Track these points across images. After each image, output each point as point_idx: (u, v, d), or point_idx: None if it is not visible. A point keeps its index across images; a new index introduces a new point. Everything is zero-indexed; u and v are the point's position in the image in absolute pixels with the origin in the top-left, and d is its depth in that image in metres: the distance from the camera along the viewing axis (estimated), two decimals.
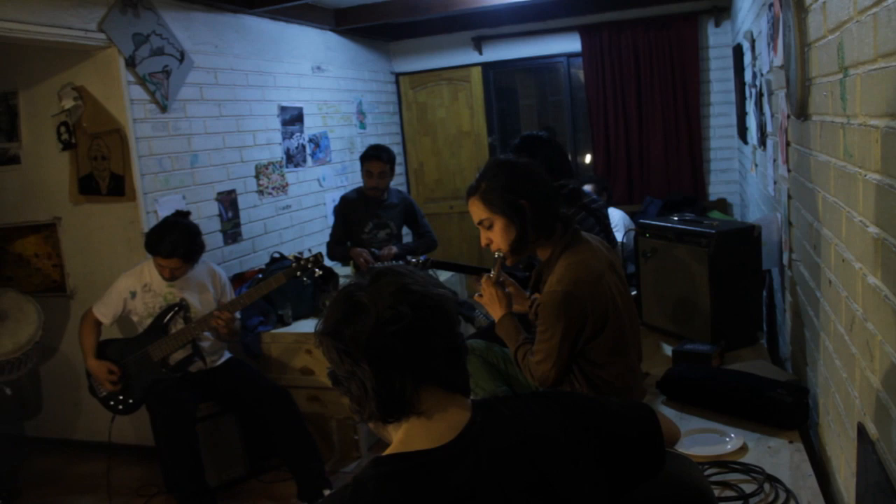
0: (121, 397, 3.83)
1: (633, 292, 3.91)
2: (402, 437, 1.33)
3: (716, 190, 6.75)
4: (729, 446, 2.38)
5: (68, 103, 4.34)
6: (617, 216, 5.76)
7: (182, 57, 4.64)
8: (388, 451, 1.33)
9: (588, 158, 7.26)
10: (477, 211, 2.48)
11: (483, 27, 7.13)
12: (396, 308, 1.30)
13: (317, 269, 3.90)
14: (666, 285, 3.54)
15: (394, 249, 4.91)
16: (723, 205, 6.62)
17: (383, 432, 1.39)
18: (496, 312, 2.64)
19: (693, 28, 6.53)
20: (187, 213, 3.93)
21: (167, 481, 4.03)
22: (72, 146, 4.45)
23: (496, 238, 2.47)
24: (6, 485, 3.72)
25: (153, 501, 4.06)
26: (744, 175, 5.73)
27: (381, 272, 1.39)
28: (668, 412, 2.72)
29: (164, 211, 4.27)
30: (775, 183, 3.39)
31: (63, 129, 4.44)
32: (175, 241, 3.70)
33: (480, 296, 2.69)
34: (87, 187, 4.45)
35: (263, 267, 5.03)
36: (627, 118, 6.81)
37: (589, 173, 7.07)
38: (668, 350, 3.37)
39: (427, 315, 1.33)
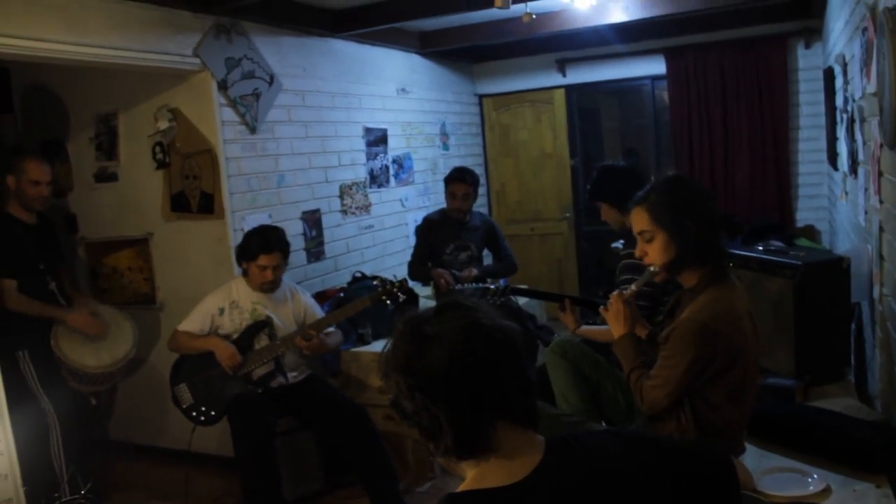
0: (203, 409, 3.93)
1: None
2: (476, 475, 1.33)
3: (803, 216, 6.55)
4: (811, 488, 2.29)
5: (163, 124, 4.52)
6: None
7: (271, 80, 4.78)
8: (462, 488, 1.32)
9: None
10: (640, 221, 2.44)
11: (567, 49, 7.12)
12: (469, 342, 1.29)
13: (401, 295, 3.96)
14: None
15: (474, 271, 4.91)
16: (811, 232, 6.42)
17: (455, 467, 1.38)
18: (618, 329, 2.59)
19: (782, 50, 6.38)
20: None
21: (245, 492, 4.09)
22: (165, 165, 4.62)
23: (653, 252, 2.42)
24: (94, 487, 3.86)
25: None
26: (833, 202, 5.56)
27: (447, 305, 1.38)
28: (748, 449, 2.65)
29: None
30: (866, 213, 3.28)
31: (158, 148, 4.62)
32: (276, 237, 3.94)
33: (606, 309, 2.65)
34: (179, 205, 4.62)
35: (345, 286, 5.11)
36: (712, 141, 6.68)
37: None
38: None
39: (498, 349, 1.32)
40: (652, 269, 2.45)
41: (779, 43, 6.37)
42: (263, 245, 3.91)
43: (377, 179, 5.97)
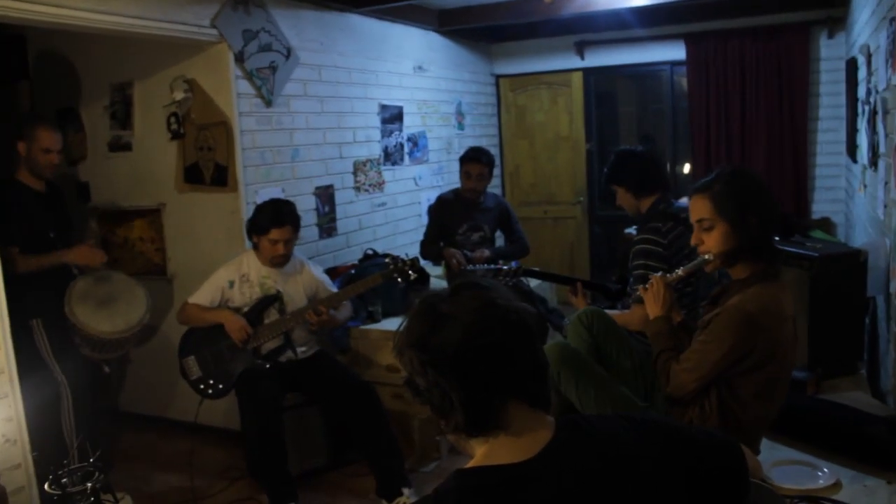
0: (211, 381, 3.94)
1: None
2: (485, 451, 1.33)
3: (820, 208, 6.49)
4: (821, 481, 2.28)
5: (179, 95, 4.50)
6: None
7: (288, 53, 4.75)
8: (471, 464, 1.33)
9: (687, 168, 7.10)
10: (701, 208, 2.41)
11: (586, 32, 7.05)
12: (483, 321, 1.30)
13: (412, 273, 3.94)
14: None
15: (486, 252, 4.91)
16: (826, 224, 6.36)
17: (465, 445, 1.38)
18: (654, 310, 2.60)
19: (804, 39, 6.29)
20: None
21: (250, 466, 4.13)
22: (180, 136, 4.61)
23: (710, 241, 2.40)
24: (103, 455, 3.87)
25: (236, 485, 4.16)
26: (851, 195, 5.50)
27: (462, 284, 1.39)
28: None
29: None
30: (885, 206, 3.24)
31: (173, 119, 4.60)
32: (288, 211, 3.93)
33: (645, 289, 2.65)
34: (193, 176, 4.61)
35: (356, 262, 5.10)
36: (730, 129, 6.62)
37: (687, 184, 6.91)
38: None
39: (512, 329, 1.32)
40: (707, 257, 2.43)
41: (801, 32, 6.28)
42: (275, 219, 3.89)
43: (391, 157, 5.94)
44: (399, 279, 3.96)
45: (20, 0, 3.30)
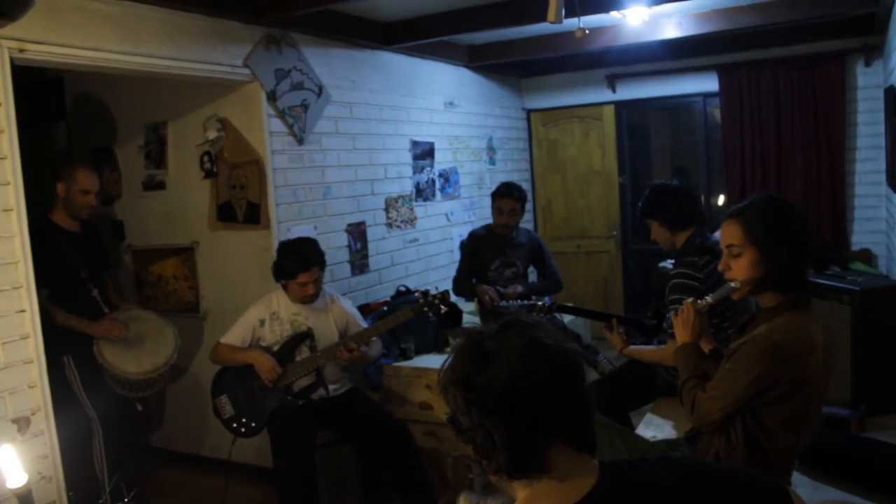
0: (243, 420, 3.93)
1: None
2: (527, 496, 1.31)
3: (859, 240, 6.37)
4: None
5: (212, 134, 4.54)
6: None
7: (320, 91, 4.78)
8: None
9: (721, 201, 7.01)
10: (732, 234, 2.38)
11: (617, 65, 7.05)
12: (530, 361, 1.28)
13: (443, 307, 3.91)
14: None
15: (519, 289, 4.86)
16: (867, 255, 6.23)
17: (507, 487, 1.36)
18: (683, 336, 2.56)
19: (840, 68, 6.22)
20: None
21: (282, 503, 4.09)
22: (213, 175, 4.65)
23: (738, 268, 2.36)
24: (138, 494, 3.86)
25: None
26: (892, 225, 5.39)
27: (509, 322, 1.36)
28: (799, 479, 2.55)
29: None
30: None
31: (206, 158, 4.65)
32: (312, 252, 3.91)
33: (676, 313, 2.61)
34: (225, 214, 4.64)
35: (388, 299, 5.08)
36: (765, 161, 6.54)
37: (722, 216, 6.81)
38: None
39: (559, 370, 1.30)
40: (734, 284, 2.38)
41: (837, 60, 6.22)
42: (301, 263, 3.87)
43: (423, 193, 5.95)
44: (430, 313, 3.93)
45: (59, 46, 3.37)
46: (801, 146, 6.38)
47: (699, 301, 2.57)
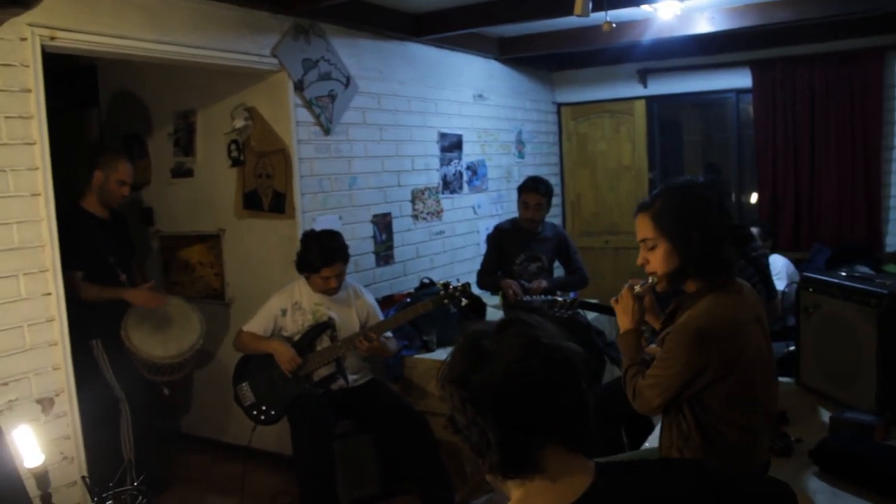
0: (264, 408, 3.96)
1: (791, 348, 3.68)
2: (521, 496, 1.31)
3: (894, 241, 6.26)
4: None
5: (240, 123, 4.58)
6: (780, 264, 5.46)
7: (348, 82, 4.79)
8: None
9: (753, 198, 6.92)
10: (643, 228, 2.37)
11: (649, 60, 6.97)
12: (526, 361, 1.27)
13: (464, 299, 3.91)
14: (828, 344, 3.28)
15: (543, 283, 4.83)
16: None
17: (501, 485, 1.36)
18: (624, 323, 2.52)
19: (878, 64, 6.10)
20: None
21: (301, 492, 4.11)
22: (240, 163, 4.69)
23: (654, 261, 2.35)
24: (151, 478, 3.88)
25: None
26: None
27: (508, 321, 1.36)
28: (819, 486, 2.51)
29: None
30: None
31: (233, 146, 4.69)
32: (336, 247, 3.92)
33: (616, 301, 2.58)
34: (251, 203, 4.67)
35: (412, 291, 5.09)
36: (798, 158, 6.44)
37: (753, 215, 6.74)
38: (825, 416, 3.11)
39: (556, 369, 1.29)
40: (651, 280, 2.38)
41: (874, 57, 6.10)
42: (325, 258, 3.89)
43: (450, 185, 5.94)
44: (450, 305, 3.93)
45: (90, 34, 3.42)
46: (835, 145, 6.28)
47: (636, 287, 2.53)
